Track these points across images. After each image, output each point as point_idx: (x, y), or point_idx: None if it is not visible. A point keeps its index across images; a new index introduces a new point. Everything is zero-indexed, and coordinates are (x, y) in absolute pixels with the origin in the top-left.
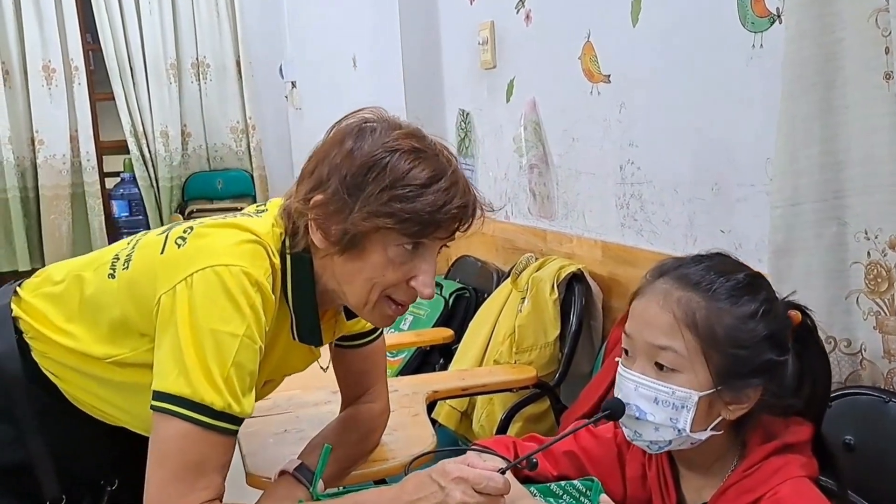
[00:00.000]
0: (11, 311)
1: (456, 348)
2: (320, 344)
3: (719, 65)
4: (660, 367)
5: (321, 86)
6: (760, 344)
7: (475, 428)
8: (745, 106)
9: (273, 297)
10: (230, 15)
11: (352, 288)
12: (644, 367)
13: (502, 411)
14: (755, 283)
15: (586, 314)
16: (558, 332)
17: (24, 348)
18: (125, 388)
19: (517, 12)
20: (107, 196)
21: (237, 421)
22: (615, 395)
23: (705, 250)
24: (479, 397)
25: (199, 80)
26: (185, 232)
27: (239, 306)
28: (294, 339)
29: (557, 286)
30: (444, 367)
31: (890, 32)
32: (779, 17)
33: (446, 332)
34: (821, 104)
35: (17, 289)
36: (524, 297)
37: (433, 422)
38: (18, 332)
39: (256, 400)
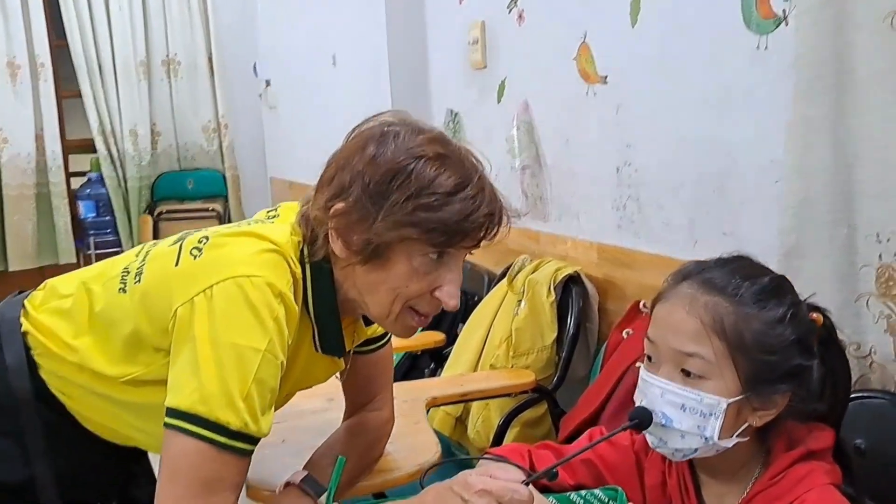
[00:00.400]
0: (21, 325)
1: (447, 352)
2: (344, 354)
3: (722, 66)
4: (686, 373)
5: (297, 84)
6: (789, 349)
7: (470, 434)
8: (749, 108)
9: (296, 308)
10: (202, 11)
11: (374, 298)
12: (670, 373)
13: (499, 416)
14: (781, 287)
15: (583, 317)
16: (555, 335)
17: (31, 365)
18: (139, 407)
19: (509, 12)
20: (73, 196)
21: (254, 441)
22: (638, 403)
23: (727, 253)
24: (475, 402)
25: (169, 77)
26: (200, 242)
27: (262, 319)
28: (317, 350)
29: (554, 288)
30: (435, 372)
31: None
32: (785, 18)
33: (438, 336)
34: (834, 106)
35: (25, 302)
36: (521, 300)
37: None
38: (27, 348)
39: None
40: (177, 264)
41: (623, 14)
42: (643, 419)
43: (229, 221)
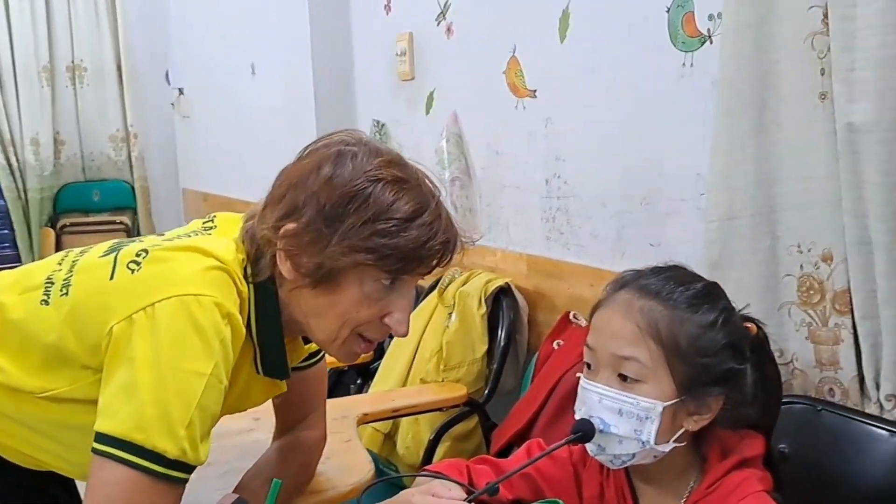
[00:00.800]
0: None
1: (375, 367)
2: (287, 377)
3: (649, 82)
4: (623, 378)
5: (213, 93)
6: (721, 352)
7: (400, 450)
8: (675, 122)
9: (243, 330)
10: (110, 15)
11: (321, 323)
12: (608, 378)
13: (429, 432)
14: (713, 293)
15: (513, 329)
16: (486, 347)
17: None
18: (59, 427)
19: (438, 24)
20: None
21: (191, 469)
22: (578, 412)
23: (663, 262)
24: (404, 418)
25: (74, 84)
26: (138, 255)
27: (207, 341)
28: (258, 372)
29: (485, 300)
30: (362, 388)
31: (826, 54)
32: (709, 37)
33: None
34: (756, 122)
35: None
36: (451, 313)
37: None
38: None
39: None
40: (112, 278)
41: (552, 29)
42: (586, 432)
43: (138, 234)
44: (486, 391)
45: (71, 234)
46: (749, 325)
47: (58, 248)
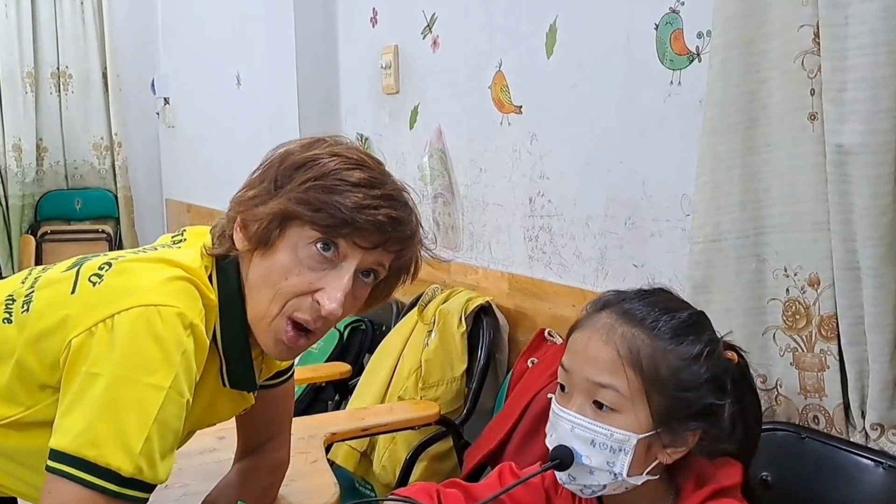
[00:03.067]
0: None
1: (354, 384)
2: (254, 389)
3: (636, 100)
4: (598, 405)
5: (198, 104)
6: (703, 387)
7: (376, 469)
8: (662, 142)
9: (206, 340)
10: (97, 23)
11: (256, 297)
12: (582, 405)
13: (406, 451)
14: (699, 323)
15: (493, 347)
16: (465, 366)
17: None
18: (21, 453)
19: (423, 38)
20: None
21: (149, 488)
22: (549, 436)
23: (647, 284)
24: (381, 436)
25: (59, 91)
26: (100, 268)
27: (168, 353)
28: (224, 385)
29: (465, 319)
30: (340, 404)
31: (816, 74)
32: (698, 55)
33: (344, 367)
34: (743, 142)
35: None
36: (431, 330)
37: (329, 463)
38: None
39: None
40: (73, 291)
41: (539, 45)
42: (564, 459)
43: (120, 244)
44: (465, 410)
45: (52, 243)
46: (730, 353)
47: (38, 256)
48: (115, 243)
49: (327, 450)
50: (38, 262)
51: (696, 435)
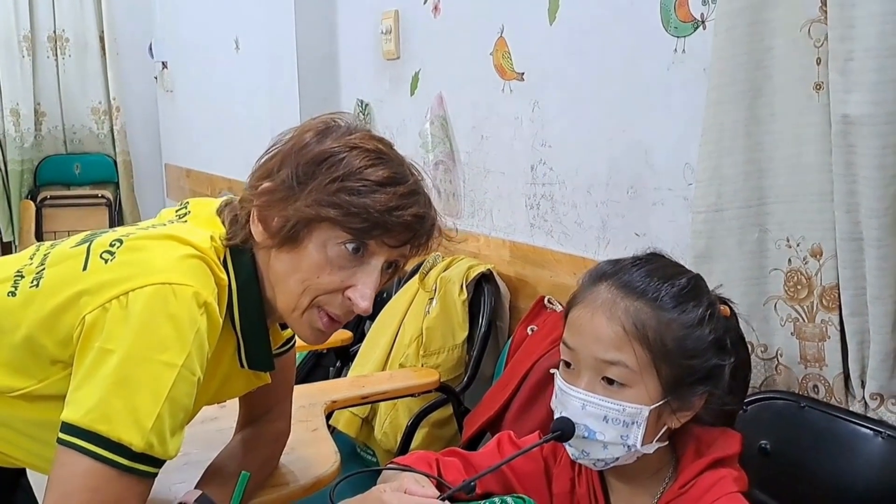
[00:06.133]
0: None
1: (355, 351)
2: (272, 368)
3: (640, 68)
4: (608, 381)
5: (196, 68)
6: (707, 351)
7: (377, 435)
8: (665, 110)
9: (220, 319)
10: None
11: (284, 289)
12: (590, 382)
13: (407, 417)
14: (698, 287)
15: (494, 315)
16: (466, 333)
17: None
18: (35, 425)
19: (424, 3)
20: None
21: (159, 463)
22: (557, 413)
23: (641, 251)
24: (382, 403)
25: (56, 55)
26: (111, 245)
27: (181, 331)
28: (242, 366)
29: (466, 286)
30: (341, 371)
31: (822, 43)
32: (703, 22)
33: (345, 334)
34: (747, 111)
35: None
36: (432, 298)
37: (331, 429)
38: None
39: None
40: (85, 268)
41: (541, 11)
42: (566, 430)
43: (120, 209)
44: (465, 377)
45: (51, 208)
46: (724, 308)
47: (38, 221)
48: (115, 208)
49: (328, 417)
50: (39, 227)
51: (703, 397)
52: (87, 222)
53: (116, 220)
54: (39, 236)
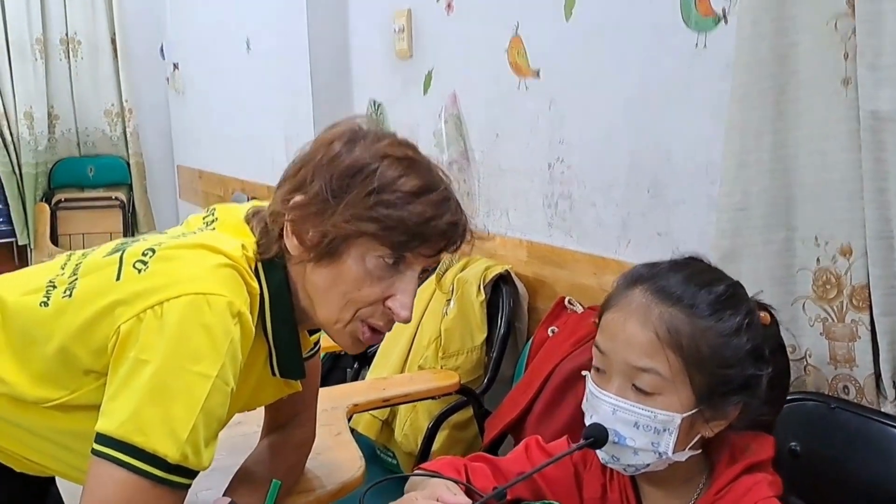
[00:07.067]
0: None
1: (372, 352)
2: (303, 376)
3: (659, 64)
4: (639, 389)
5: (208, 69)
6: (743, 360)
7: (398, 437)
8: (687, 107)
9: (252, 329)
10: None
11: (324, 302)
12: (621, 388)
13: (427, 419)
14: (736, 295)
15: (513, 317)
16: (485, 335)
17: None
18: (68, 435)
19: (437, 0)
20: None
21: (192, 474)
22: (587, 417)
23: (679, 255)
24: (402, 406)
25: (68, 58)
26: (144, 254)
27: (216, 342)
28: (273, 374)
29: (484, 287)
30: (359, 372)
31: (850, 38)
32: (724, 17)
33: None
34: (773, 108)
35: None
36: (449, 299)
37: (350, 430)
38: None
39: None
40: (118, 278)
41: (557, 6)
42: (598, 437)
43: (133, 211)
44: (485, 379)
45: (66, 210)
46: (763, 315)
47: (52, 223)
48: (129, 210)
49: (349, 419)
50: (53, 230)
51: (738, 407)
52: (102, 224)
53: (130, 222)
54: (55, 239)
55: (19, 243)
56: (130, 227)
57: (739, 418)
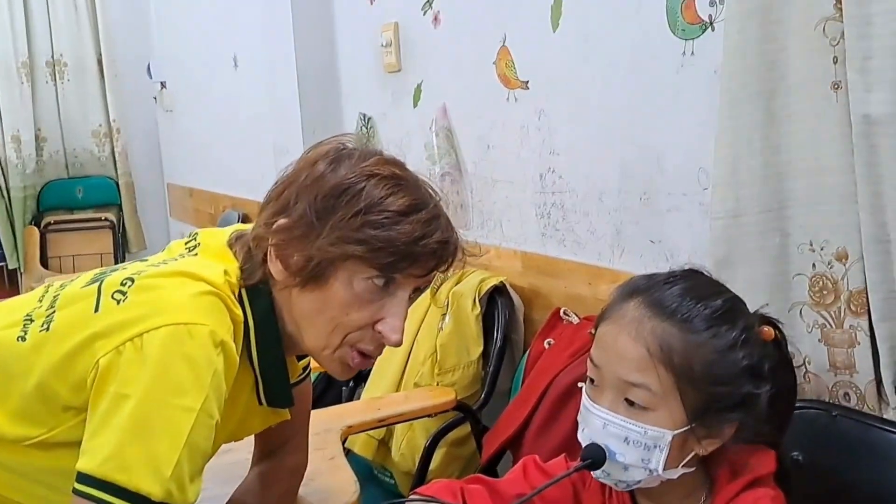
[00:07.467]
0: None
1: (368, 370)
2: (291, 405)
3: (647, 72)
4: (630, 402)
5: (196, 86)
6: (739, 378)
7: (395, 457)
8: (676, 114)
9: (237, 358)
10: (90, 9)
11: (311, 328)
12: (613, 402)
13: (424, 437)
14: (734, 309)
15: (509, 329)
16: (481, 349)
17: None
18: (49, 472)
19: (424, 14)
20: None
21: None
22: (580, 429)
23: (679, 266)
24: (398, 424)
25: (55, 79)
26: (123, 284)
27: (198, 374)
28: (260, 403)
29: (479, 300)
30: (354, 391)
31: (839, 41)
32: (711, 24)
33: None
34: (763, 114)
35: None
36: (445, 314)
37: (347, 452)
38: None
39: None
40: (96, 310)
41: (543, 18)
42: (596, 459)
43: (124, 231)
44: (483, 394)
45: (55, 233)
46: (767, 330)
47: (42, 246)
48: (119, 230)
49: (344, 440)
50: (43, 252)
51: (734, 426)
52: (92, 245)
53: (121, 242)
54: (45, 262)
55: (9, 268)
56: (121, 248)
57: (736, 437)
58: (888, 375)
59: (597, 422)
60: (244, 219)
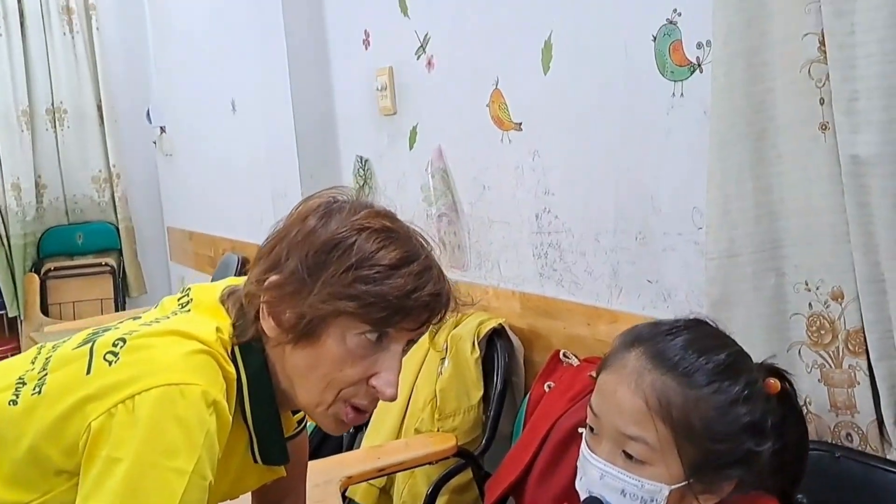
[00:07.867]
0: None
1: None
2: (286, 462)
3: (639, 113)
4: (628, 455)
5: (195, 131)
6: (739, 435)
7: None
8: (669, 154)
9: (230, 417)
10: (89, 57)
11: (305, 384)
12: (611, 453)
13: (426, 485)
14: (737, 364)
15: (509, 372)
16: (481, 393)
17: None
18: None
19: (418, 58)
20: None
21: None
22: (578, 476)
23: (685, 316)
24: (400, 472)
25: (55, 127)
26: (114, 345)
27: (191, 435)
28: (255, 461)
29: (479, 343)
30: (354, 437)
31: (824, 83)
32: (699, 66)
33: None
34: (752, 154)
35: None
36: (444, 358)
37: (348, 501)
38: None
39: None
40: (88, 372)
41: (535, 61)
42: None
43: (124, 276)
44: (484, 439)
45: (56, 279)
46: (772, 382)
47: (42, 293)
48: (119, 275)
49: (343, 492)
50: (44, 300)
51: (733, 483)
52: (92, 291)
53: (121, 287)
54: (45, 309)
55: (9, 316)
56: (121, 293)
57: (735, 492)
58: (889, 415)
59: (594, 472)
60: (243, 262)
